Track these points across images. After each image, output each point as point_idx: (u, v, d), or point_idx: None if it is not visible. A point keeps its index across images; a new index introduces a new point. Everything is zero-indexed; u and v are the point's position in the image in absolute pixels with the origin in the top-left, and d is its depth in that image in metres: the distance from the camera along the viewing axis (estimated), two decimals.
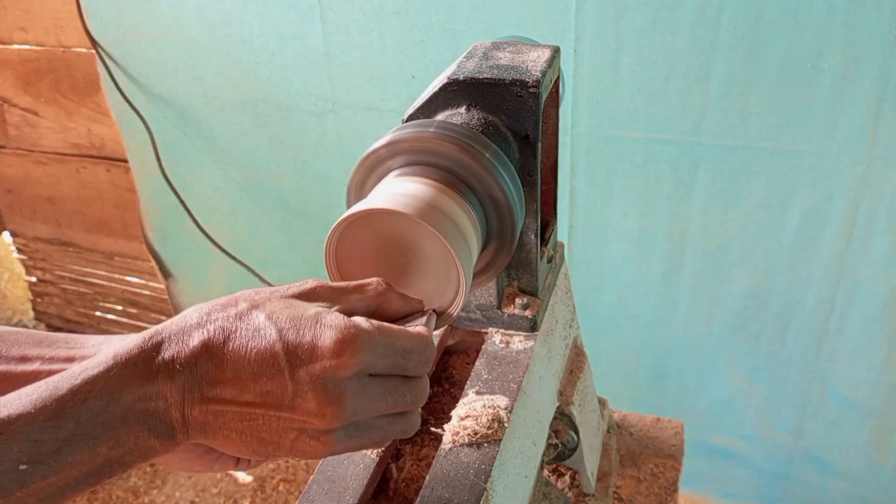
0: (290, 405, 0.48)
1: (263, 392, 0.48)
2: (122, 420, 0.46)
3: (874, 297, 1.43)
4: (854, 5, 1.19)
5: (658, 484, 1.11)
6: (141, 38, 1.73)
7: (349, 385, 0.49)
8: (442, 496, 0.60)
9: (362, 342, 0.49)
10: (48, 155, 2.13)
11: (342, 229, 0.62)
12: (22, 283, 2.51)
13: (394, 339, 0.52)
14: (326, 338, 0.49)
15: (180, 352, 0.48)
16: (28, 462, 0.43)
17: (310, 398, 0.48)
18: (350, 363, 0.48)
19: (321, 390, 0.48)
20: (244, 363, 0.48)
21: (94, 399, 0.45)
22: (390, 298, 0.57)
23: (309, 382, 0.48)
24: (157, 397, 0.47)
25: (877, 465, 1.63)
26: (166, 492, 2.11)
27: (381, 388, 0.51)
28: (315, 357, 0.48)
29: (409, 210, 0.59)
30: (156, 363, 0.47)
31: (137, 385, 0.46)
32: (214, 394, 0.48)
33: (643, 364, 1.72)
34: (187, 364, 0.48)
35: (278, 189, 1.83)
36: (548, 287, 0.82)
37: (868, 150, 1.30)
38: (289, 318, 0.50)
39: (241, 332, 0.49)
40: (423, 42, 1.48)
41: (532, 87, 0.67)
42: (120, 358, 0.47)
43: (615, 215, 1.53)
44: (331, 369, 0.48)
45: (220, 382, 0.48)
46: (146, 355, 0.47)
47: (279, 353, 0.48)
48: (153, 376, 0.47)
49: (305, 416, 0.48)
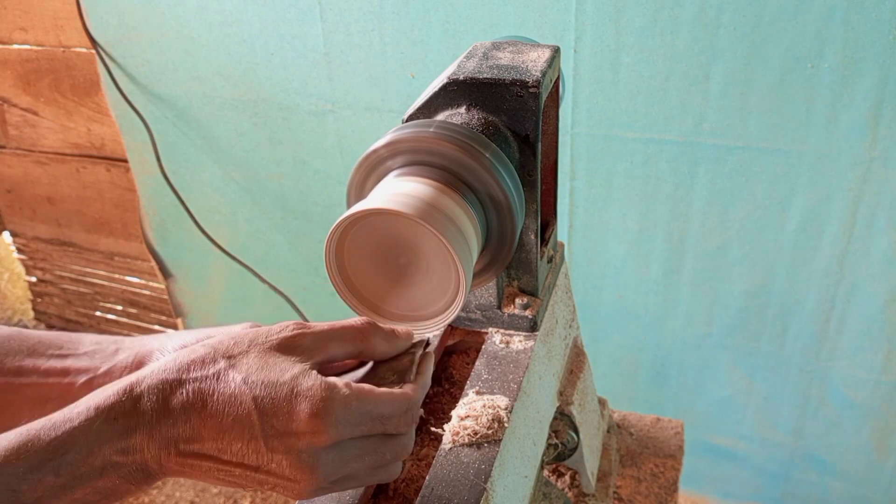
0: (266, 469, 0.49)
1: (239, 454, 0.49)
2: (100, 471, 0.47)
3: (874, 297, 1.43)
4: (854, 5, 1.19)
5: (658, 484, 1.11)
6: (141, 38, 1.73)
7: (323, 454, 0.50)
8: (442, 496, 0.60)
9: (337, 415, 0.49)
10: (48, 155, 2.13)
11: (342, 229, 0.62)
12: (22, 283, 2.51)
13: (371, 405, 0.52)
14: (301, 410, 0.49)
15: (159, 409, 0.49)
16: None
17: (284, 465, 0.49)
18: (323, 437, 0.49)
19: (295, 459, 0.49)
20: (220, 429, 0.49)
21: (73, 452, 0.46)
22: (374, 342, 0.57)
23: (283, 451, 0.49)
24: (134, 451, 0.48)
25: (877, 465, 1.63)
26: (166, 492, 2.11)
27: (359, 450, 0.52)
28: (290, 430, 0.49)
29: (409, 210, 0.59)
30: (134, 418, 0.48)
31: (116, 440, 0.47)
32: (191, 450, 0.49)
33: (643, 364, 1.72)
34: (165, 422, 0.49)
35: (278, 189, 1.83)
36: (548, 287, 0.82)
37: (868, 150, 1.30)
38: (264, 385, 0.50)
39: (218, 396, 0.49)
40: (423, 42, 1.48)
41: (532, 87, 0.67)
42: (101, 410, 0.48)
43: (615, 215, 1.53)
44: (305, 443, 0.49)
45: (196, 441, 0.49)
46: (125, 409, 0.48)
47: (255, 422, 0.49)
48: (131, 431, 0.48)
49: (279, 479, 0.50)
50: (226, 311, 2.12)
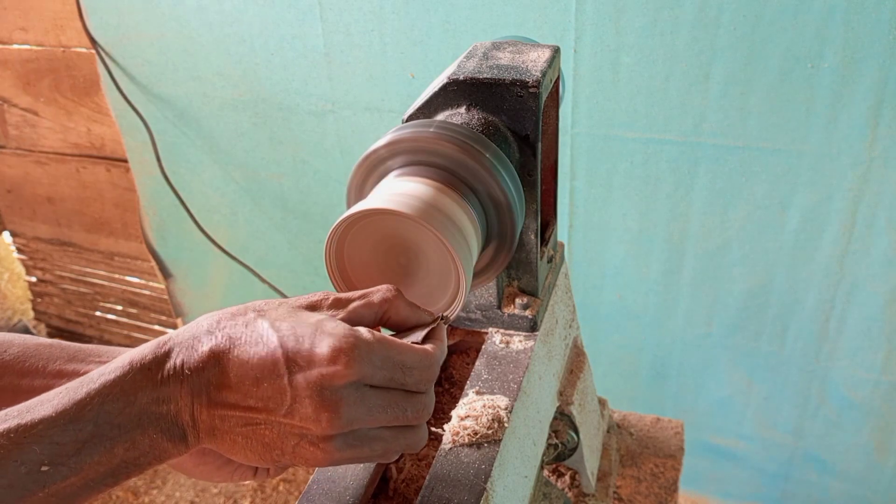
0: (289, 410, 0.49)
1: (264, 397, 0.49)
2: (136, 422, 0.48)
3: (874, 297, 1.43)
4: (854, 5, 1.19)
5: (658, 484, 1.11)
6: (141, 38, 1.73)
7: (345, 393, 0.50)
8: (442, 496, 0.60)
9: (360, 352, 0.50)
10: (48, 155, 2.13)
11: (342, 229, 0.62)
12: (22, 283, 2.51)
13: (394, 352, 0.52)
14: (324, 345, 0.49)
15: (189, 357, 0.50)
16: (49, 463, 0.45)
17: (306, 404, 0.49)
18: (346, 371, 0.49)
19: (317, 396, 0.49)
20: (247, 368, 0.49)
21: (110, 402, 0.47)
22: (398, 306, 0.57)
23: (306, 388, 0.49)
24: (168, 400, 0.49)
25: (877, 465, 1.63)
26: (166, 492, 2.12)
27: (381, 400, 0.52)
28: (312, 364, 0.49)
29: (409, 210, 0.59)
30: (167, 368, 0.49)
31: (150, 389, 0.48)
32: (220, 398, 0.50)
33: (643, 364, 1.72)
34: (196, 369, 0.49)
35: (278, 189, 1.83)
36: (548, 287, 0.82)
37: (868, 150, 1.30)
38: (290, 326, 0.51)
39: (245, 339, 0.50)
40: (423, 42, 1.48)
41: (532, 87, 0.67)
42: (135, 363, 0.49)
43: (615, 215, 1.53)
44: (327, 376, 0.49)
45: (225, 387, 0.49)
46: (158, 360, 0.49)
47: (279, 358, 0.49)
48: (165, 381, 0.49)
49: (303, 422, 0.49)
50: None
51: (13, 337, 0.60)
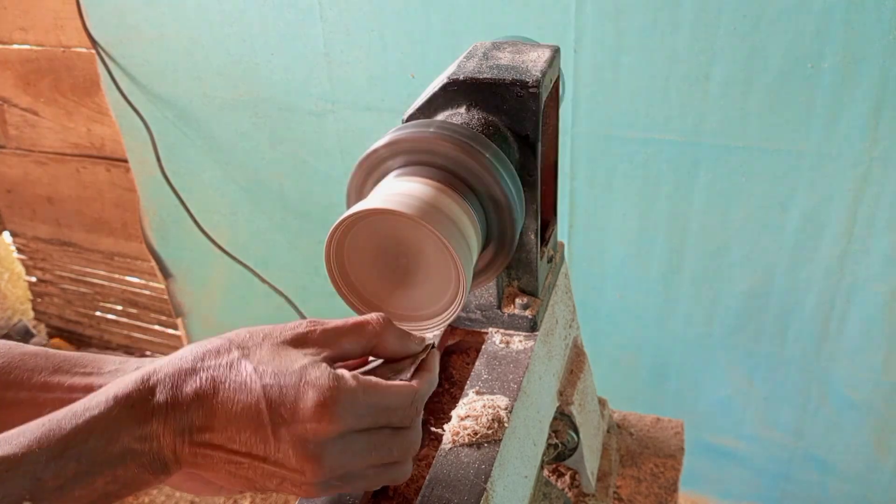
0: (273, 459, 0.50)
1: (248, 443, 0.50)
2: (119, 458, 0.48)
3: (874, 297, 1.43)
4: (854, 5, 1.19)
5: (658, 484, 1.11)
6: (141, 38, 1.73)
7: (329, 445, 0.50)
8: (442, 496, 0.60)
9: (343, 406, 0.50)
10: (48, 155, 2.13)
11: (342, 229, 0.62)
12: (22, 283, 2.51)
13: (378, 397, 0.52)
14: (308, 399, 0.49)
15: (173, 397, 0.50)
16: (31, 498, 0.45)
17: (290, 454, 0.49)
18: (330, 427, 0.49)
19: (301, 448, 0.49)
20: (230, 416, 0.50)
21: (94, 439, 0.47)
22: (387, 339, 0.57)
23: (289, 440, 0.49)
24: (151, 438, 0.49)
25: (877, 465, 1.63)
26: (166, 492, 2.12)
27: (366, 444, 0.52)
28: (296, 418, 0.49)
29: (409, 210, 0.59)
30: (151, 406, 0.49)
31: (134, 426, 0.48)
32: (203, 439, 0.50)
33: (643, 364, 1.72)
34: (179, 410, 0.49)
35: (278, 189, 1.83)
36: (548, 287, 0.82)
37: (868, 150, 1.30)
38: (274, 374, 0.51)
39: (229, 384, 0.50)
40: (423, 42, 1.48)
41: (532, 87, 0.67)
42: (119, 399, 0.49)
43: (615, 215, 1.53)
44: (311, 431, 0.49)
45: (208, 430, 0.50)
46: (142, 397, 0.49)
47: (262, 410, 0.49)
48: (148, 418, 0.49)
49: (286, 470, 0.50)
50: (226, 311, 2.12)
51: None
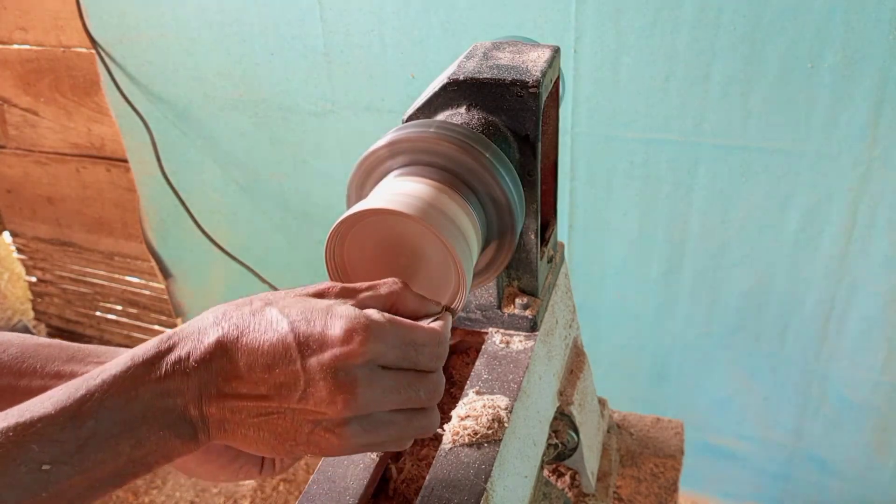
0: (303, 395, 0.49)
1: (277, 384, 0.49)
2: (141, 418, 0.47)
3: (874, 297, 1.43)
4: (854, 5, 1.19)
5: (658, 484, 1.11)
6: (141, 38, 1.73)
7: (360, 373, 0.49)
8: (442, 496, 0.60)
9: (372, 331, 0.49)
10: (48, 155, 2.13)
11: (343, 229, 0.62)
12: (22, 283, 2.51)
13: (406, 331, 0.52)
14: (337, 327, 0.49)
15: (196, 349, 0.49)
16: (51, 462, 0.43)
17: (321, 387, 0.48)
18: (360, 351, 0.49)
19: (332, 378, 0.48)
20: (257, 356, 0.49)
21: (112, 398, 0.46)
22: (406, 297, 0.57)
23: (320, 371, 0.48)
24: (174, 394, 0.47)
25: (877, 465, 1.63)
26: (166, 492, 2.12)
27: (394, 381, 0.51)
28: (325, 346, 0.49)
29: (409, 210, 0.59)
30: (172, 361, 0.48)
31: (154, 383, 0.47)
32: (230, 389, 0.49)
33: (643, 364, 1.72)
34: (203, 361, 0.48)
35: (278, 189, 1.83)
36: (548, 287, 0.82)
37: (868, 150, 1.30)
38: (300, 311, 0.50)
39: (254, 326, 0.50)
40: (423, 42, 1.48)
41: (532, 87, 0.67)
42: (137, 359, 0.48)
43: (615, 215, 1.53)
44: (341, 357, 0.48)
45: (235, 377, 0.49)
46: (161, 354, 0.48)
47: (291, 343, 0.49)
48: (169, 374, 0.48)
49: (318, 406, 0.49)
50: None
51: (12, 337, 0.59)
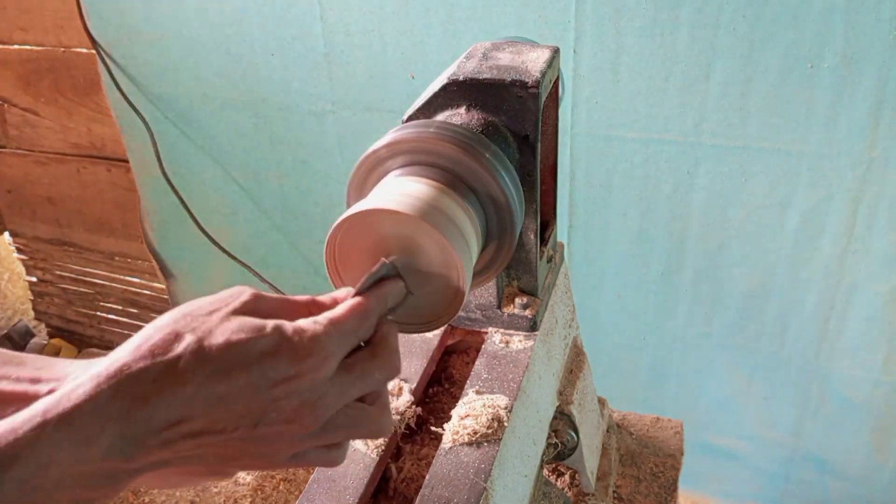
0: (267, 421, 0.48)
1: (238, 415, 0.47)
2: (56, 484, 0.42)
3: (874, 297, 1.43)
4: (854, 5, 1.19)
5: (658, 483, 1.11)
6: (141, 38, 1.73)
7: (326, 386, 0.49)
8: (442, 495, 0.60)
9: (329, 343, 0.50)
10: (48, 155, 2.13)
11: (343, 229, 0.62)
12: (22, 283, 2.51)
13: (343, 323, 0.52)
14: (295, 351, 0.48)
15: (127, 401, 0.44)
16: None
17: (285, 408, 0.48)
18: (323, 367, 0.49)
19: (297, 399, 0.48)
20: (213, 395, 0.46)
21: (19, 465, 0.40)
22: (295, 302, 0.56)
23: (286, 396, 0.48)
24: (100, 457, 0.43)
25: (877, 465, 1.63)
26: (167, 491, 2.12)
27: (348, 376, 0.51)
28: (289, 373, 0.48)
29: (409, 210, 0.59)
30: (95, 417, 0.43)
31: (73, 446, 0.42)
32: (179, 433, 0.46)
33: (643, 364, 1.72)
34: (139, 412, 0.44)
35: (278, 189, 1.83)
36: (547, 287, 0.82)
37: (868, 150, 1.30)
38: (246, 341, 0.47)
39: (198, 365, 0.46)
40: (423, 42, 1.48)
41: (532, 88, 0.67)
42: (50, 416, 0.42)
43: (615, 215, 1.53)
44: (307, 379, 0.48)
45: (185, 420, 0.45)
46: (82, 410, 0.43)
47: (253, 378, 0.47)
48: (95, 434, 0.43)
49: (280, 426, 0.48)
50: None
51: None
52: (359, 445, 0.67)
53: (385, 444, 0.68)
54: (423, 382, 0.76)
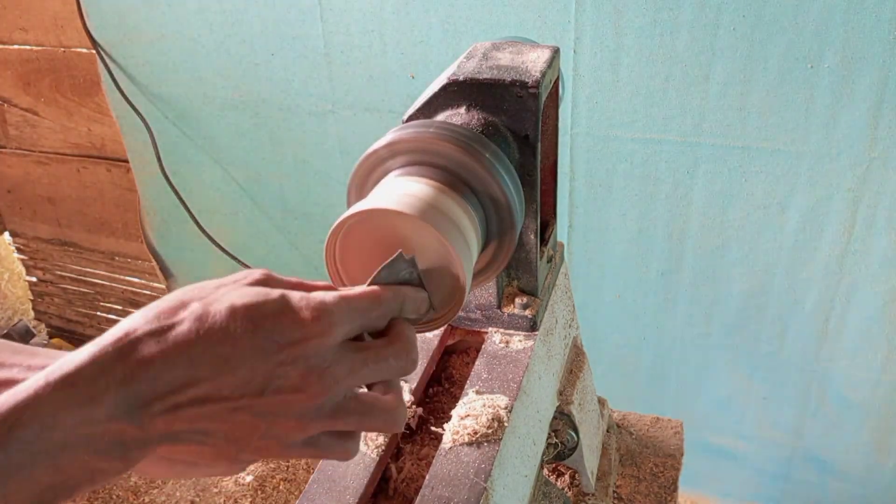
0: (273, 387, 0.47)
1: (243, 381, 0.46)
2: (60, 447, 0.42)
3: (874, 297, 1.43)
4: (854, 5, 1.19)
5: (658, 483, 1.11)
6: (141, 38, 1.74)
7: (331, 354, 0.49)
8: (442, 495, 0.60)
9: (338, 313, 0.49)
10: (48, 155, 2.13)
11: (343, 229, 0.62)
12: (22, 283, 2.51)
13: (356, 302, 0.52)
14: (302, 317, 0.48)
15: (132, 363, 0.44)
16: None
17: (292, 376, 0.47)
18: (330, 335, 0.49)
19: (303, 365, 0.47)
20: (217, 358, 0.46)
21: (23, 426, 0.40)
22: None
23: (291, 362, 0.47)
24: (104, 419, 0.43)
25: (877, 465, 1.63)
26: (167, 491, 2.12)
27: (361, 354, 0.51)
28: (294, 337, 0.47)
29: (409, 209, 0.59)
30: (100, 379, 0.43)
31: (77, 407, 0.42)
32: (185, 398, 0.45)
33: (643, 364, 1.72)
34: (144, 375, 0.44)
35: (278, 189, 1.83)
36: (547, 287, 0.82)
37: (868, 150, 1.30)
38: (255, 306, 0.47)
39: (205, 331, 0.46)
40: (423, 42, 1.48)
41: (532, 88, 0.68)
42: (53, 378, 0.42)
43: (615, 215, 1.53)
44: (313, 344, 0.48)
45: (191, 384, 0.45)
46: (86, 373, 0.43)
47: (258, 342, 0.47)
48: (98, 395, 0.42)
49: (287, 395, 0.47)
50: None
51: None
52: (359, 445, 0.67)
53: (385, 444, 0.68)
54: (423, 382, 0.76)
